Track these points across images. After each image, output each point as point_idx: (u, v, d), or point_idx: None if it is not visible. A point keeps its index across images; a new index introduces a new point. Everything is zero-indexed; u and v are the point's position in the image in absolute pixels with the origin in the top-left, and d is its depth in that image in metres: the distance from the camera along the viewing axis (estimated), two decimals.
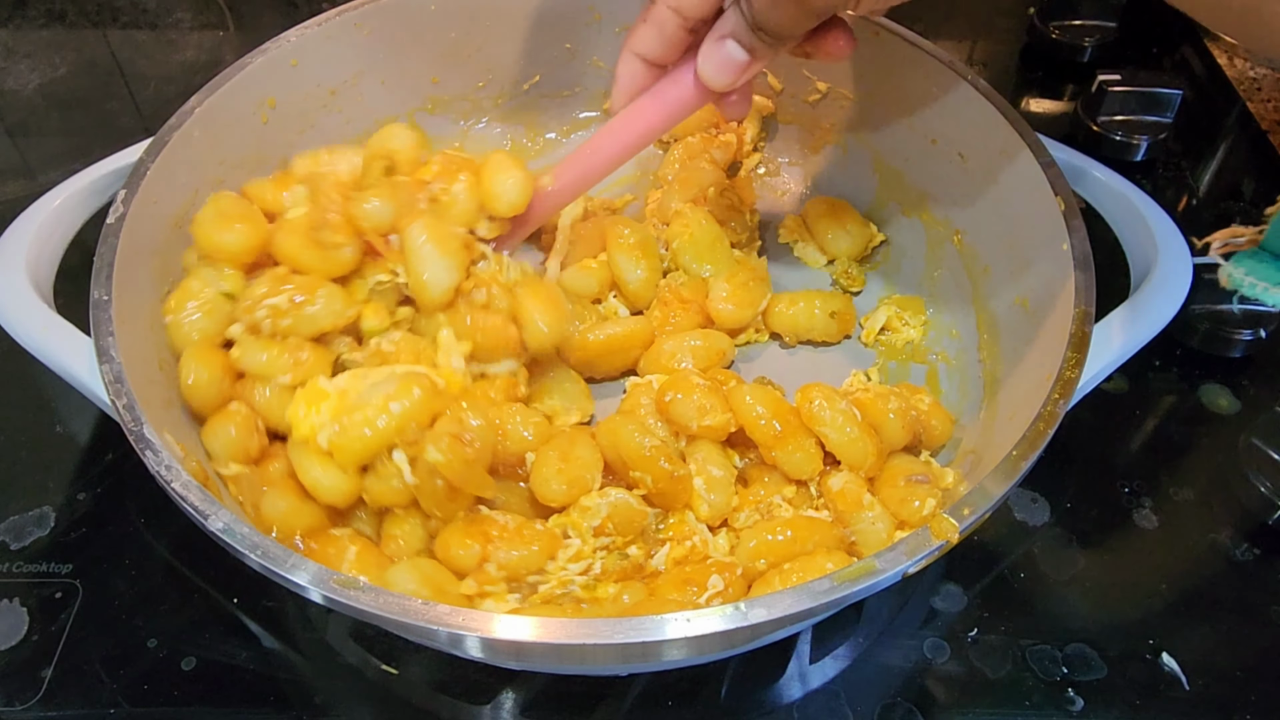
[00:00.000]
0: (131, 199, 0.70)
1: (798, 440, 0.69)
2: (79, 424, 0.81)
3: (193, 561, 0.72)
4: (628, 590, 0.64)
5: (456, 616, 0.51)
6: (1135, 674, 0.68)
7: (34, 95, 1.13)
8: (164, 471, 0.57)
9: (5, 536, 0.74)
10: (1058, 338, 0.65)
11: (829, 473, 0.70)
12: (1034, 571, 0.73)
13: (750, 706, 0.67)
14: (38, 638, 0.68)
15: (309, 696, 0.66)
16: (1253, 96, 1.14)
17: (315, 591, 0.52)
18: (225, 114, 0.79)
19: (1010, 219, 0.77)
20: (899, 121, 0.88)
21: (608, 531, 0.66)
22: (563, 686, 0.67)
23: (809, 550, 0.64)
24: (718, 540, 0.69)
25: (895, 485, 0.68)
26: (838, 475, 0.69)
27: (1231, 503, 0.77)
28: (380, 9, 0.87)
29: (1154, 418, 0.83)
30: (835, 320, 0.83)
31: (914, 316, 0.85)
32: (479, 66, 0.95)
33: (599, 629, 0.51)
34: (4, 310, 0.67)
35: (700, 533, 0.68)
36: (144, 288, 0.70)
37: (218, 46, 1.20)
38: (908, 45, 0.84)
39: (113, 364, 0.62)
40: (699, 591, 0.62)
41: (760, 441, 0.69)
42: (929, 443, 0.74)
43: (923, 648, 0.69)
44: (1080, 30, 1.19)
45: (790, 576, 0.62)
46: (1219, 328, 0.85)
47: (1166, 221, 0.74)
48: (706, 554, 0.67)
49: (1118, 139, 1.04)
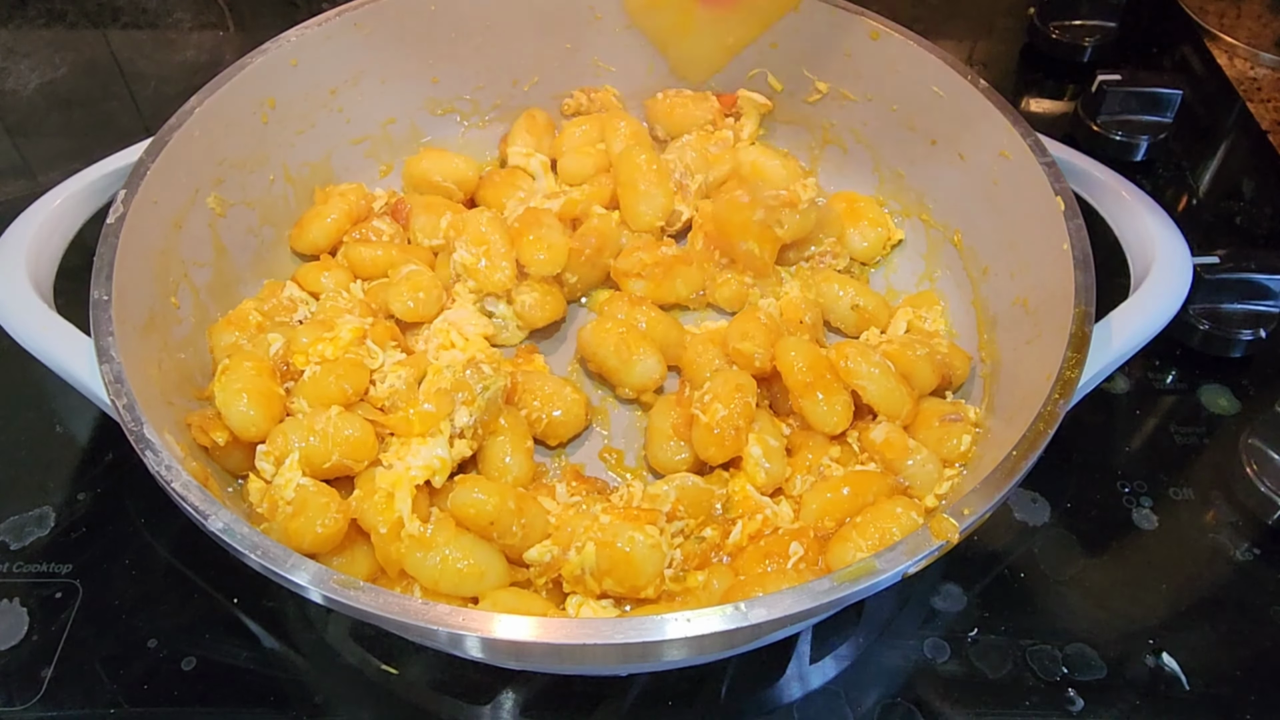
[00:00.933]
0: (131, 199, 0.70)
1: (830, 394, 0.70)
2: (79, 424, 0.81)
3: (193, 561, 0.72)
4: (715, 576, 0.65)
5: (456, 616, 0.51)
6: (1135, 674, 0.68)
7: (34, 95, 1.13)
8: (164, 471, 0.57)
9: (5, 536, 0.74)
10: (1058, 338, 0.65)
11: (867, 426, 0.72)
12: (1034, 571, 0.73)
13: (750, 706, 0.67)
14: (38, 638, 0.68)
15: (309, 696, 0.66)
16: (1253, 96, 1.14)
17: (315, 591, 0.52)
18: (225, 114, 0.79)
19: (1010, 219, 0.77)
20: (899, 122, 0.88)
21: (679, 515, 0.67)
22: (563, 686, 0.67)
23: (871, 502, 0.66)
24: (782, 509, 0.70)
25: (931, 427, 0.71)
26: (878, 427, 0.71)
27: (1231, 503, 0.77)
28: (380, 9, 0.87)
29: (1154, 418, 0.83)
30: (855, 313, 0.82)
31: (930, 310, 0.84)
32: (479, 66, 0.95)
33: (599, 629, 0.51)
34: (4, 310, 0.67)
35: (767, 505, 0.69)
36: (144, 288, 0.70)
37: (218, 46, 1.20)
38: (908, 45, 0.84)
39: (113, 364, 0.62)
40: (782, 561, 0.64)
41: (791, 388, 0.71)
42: (952, 384, 0.77)
43: (923, 648, 0.69)
44: (1080, 30, 1.19)
45: (867, 529, 0.64)
46: (1219, 328, 0.85)
47: (1166, 221, 0.74)
48: (776, 524, 0.68)
49: (1118, 139, 1.03)
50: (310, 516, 0.62)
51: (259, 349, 0.73)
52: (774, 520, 0.68)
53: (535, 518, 0.65)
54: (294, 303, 0.80)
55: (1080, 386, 0.62)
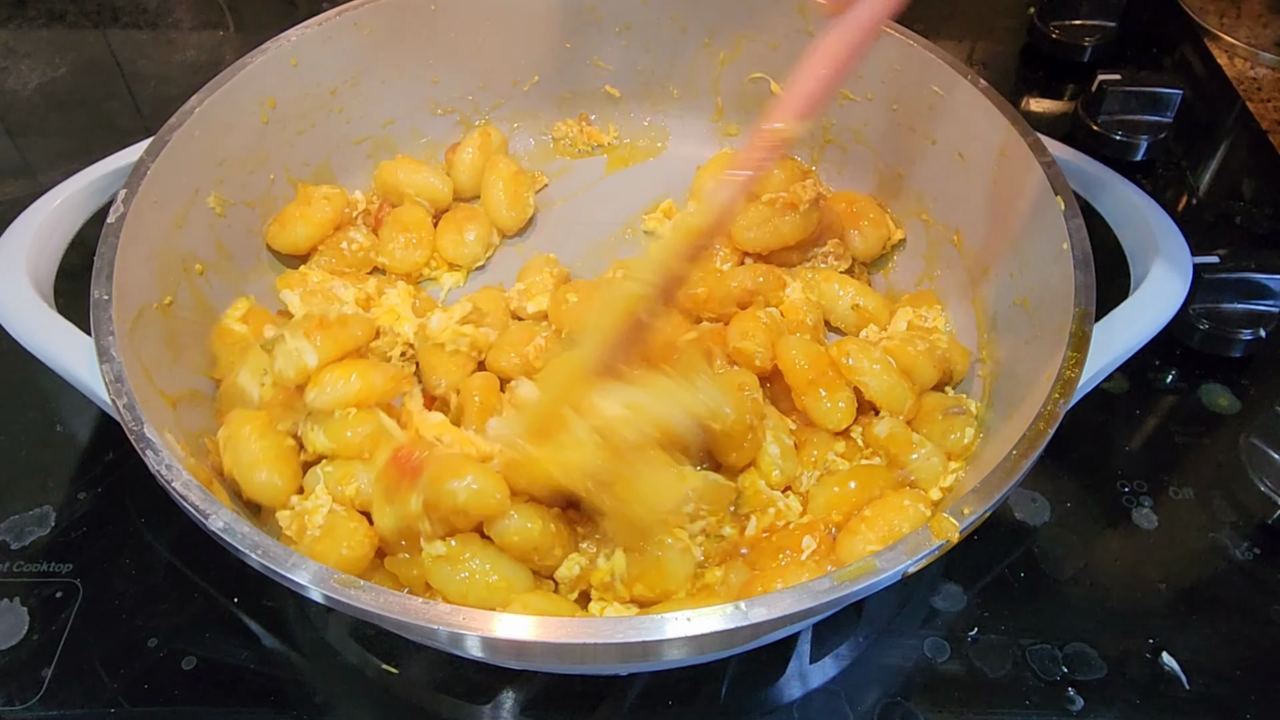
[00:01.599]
0: (131, 199, 0.70)
1: (833, 391, 0.72)
2: (79, 424, 0.81)
3: (193, 561, 0.72)
4: (732, 570, 0.65)
5: (456, 616, 0.51)
6: (1135, 674, 0.68)
7: (34, 95, 1.13)
8: (164, 471, 0.57)
9: (5, 536, 0.74)
10: (1058, 338, 0.65)
11: (871, 421, 0.72)
12: (1034, 571, 0.73)
13: (750, 706, 0.67)
14: (38, 637, 0.68)
15: (309, 696, 0.66)
16: (1253, 96, 1.14)
17: (316, 591, 0.52)
18: (225, 114, 0.79)
19: (1010, 219, 0.77)
20: (899, 122, 0.88)
21: (700, 515, 0.67)
22: (563, 686, 0.67)
23: (878, 496, 0.67)
24: (791, 503, 0.70)
25: (934, 421, 0.72)
26: (881, 422, 0.71)
27: (1231, 503, 0.77)
28: (380, 9, 0.87)
29: (1154, 418, 0.83)
30: (856, 313, 0.83)
31: (929, 309, 0.84)
32: (479, 66, 0.95)
33: (599, 629, 0.51)
34: (4, 310, 0.67)
35: (778, 499, 0.70)
36: (144, 288, 0.70)
37: (218, 46, 1.20)
38: (908, 45, 0.84)
39: (113, 364, 0.62)
40: (795, 554, 0.65)
41: (793, 386, 0.72)
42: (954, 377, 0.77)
43: (923, 648, 0.69)
44: (1080, 30, 1.19)
45: (875, 523, 0.64)
46: (1219, 328, 0.85)
47: (1166, 221, 0.74)
48: (788, 519, 0.69)
49: (1118, 139, 1.03)
50: (337, 539, 0.62)
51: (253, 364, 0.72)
52: (785, 514, 0.69)
53: (569, 537, 0.65)
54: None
55: (1080, 386, 0.62)
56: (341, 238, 0.86)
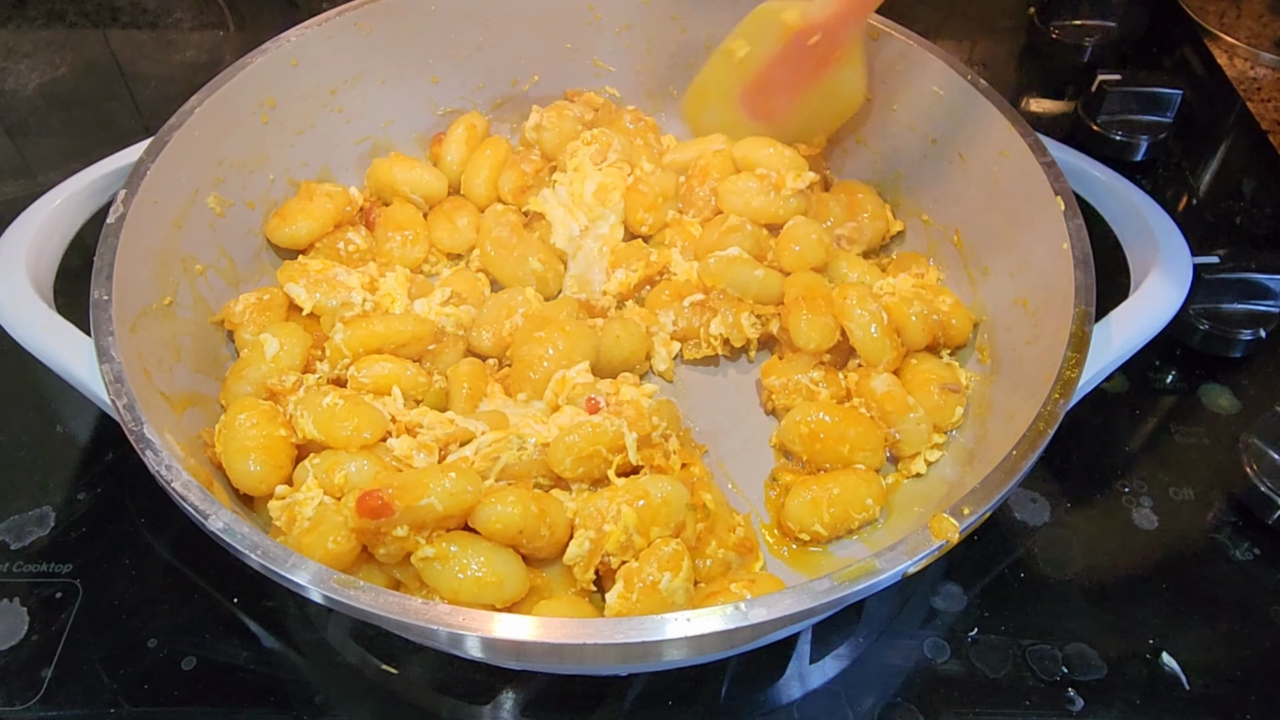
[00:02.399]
0: (131, 199, 0.70)
1: (815, 314, 0.76)
2: (79, 424, 0.81)
3: (193, 561, 0.72)
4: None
5: (456, 616, 0.51)
6: (1135, 674, 0.68)
7: (34, 95, 1.13)
8: (164, 471, 0.57)
9: (5, 536, 0.74)
10: (1058, 338, 0.65)
11: (868, 374, 0.75)
12: (1034, 571, 0.73)
13: (750, 706, 0.67)
14: (38, 638, 0.68)
15: (309, 696, 0.66)
16: (1253, 96, 1.14)
17: (315, 591, 0.52)
18: (225, 114, 0.79)
19: (1011, 220, 0.77)
20: (899, 121, 0.88)
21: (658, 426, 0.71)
22: (563, 686, 0.67)
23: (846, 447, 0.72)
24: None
25: (928, 393, 0.74)
26: (879, 378, 0.74)
27: (1231, 503, 0.77)
28: (380, 9, 0.87)
29: (1154, 418, 0.83)
30: None
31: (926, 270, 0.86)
32: (479, 66, 0.95)
33: (599, 629, 0.51)
34: (4, 310, 0.67)
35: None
36: (144, 288, 0.70)
37: (218, 46, 1.20)
38: (908, 45, 0.84)
39: (113, 364, 0.62)
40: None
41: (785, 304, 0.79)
42: (949, 342, 0.79)
43: (923, 648, 0.69)
44: (1080, 30, 1.19)
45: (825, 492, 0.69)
46: (1219, 328, 0.85)
47: (1166, 221, 0.74)
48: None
49: (1118, 139, 1.03)
50: (324, 532, 0.62)
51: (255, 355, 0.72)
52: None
53: (558, 516, 0.65)
54: None
55: (1080, 386, 0.62)
56: (339, 237, 0.86)
